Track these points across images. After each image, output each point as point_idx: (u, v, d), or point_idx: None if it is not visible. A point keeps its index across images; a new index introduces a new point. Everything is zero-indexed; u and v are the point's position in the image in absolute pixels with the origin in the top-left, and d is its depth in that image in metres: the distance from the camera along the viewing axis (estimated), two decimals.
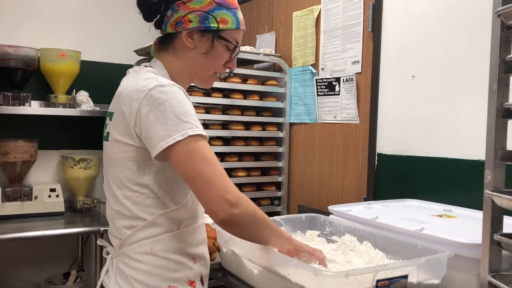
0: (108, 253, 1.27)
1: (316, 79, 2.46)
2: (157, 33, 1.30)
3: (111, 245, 1.25)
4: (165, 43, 1.25)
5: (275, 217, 1.66)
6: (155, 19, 1.25)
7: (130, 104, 1.10)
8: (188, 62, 1.23)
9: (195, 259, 1.21)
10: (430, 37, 1.92)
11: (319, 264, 1.23)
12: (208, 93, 2.53)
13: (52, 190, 2.54)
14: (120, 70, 1.67)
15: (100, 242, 1.31)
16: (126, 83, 1.17)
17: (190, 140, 1.06)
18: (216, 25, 1.19)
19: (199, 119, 2.87)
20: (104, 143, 1.22)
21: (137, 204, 1.14)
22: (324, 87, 2.42)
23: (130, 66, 1.30)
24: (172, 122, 1.05)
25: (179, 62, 1.24)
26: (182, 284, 1.17)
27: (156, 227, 1.15)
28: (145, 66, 1.24)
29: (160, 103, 1.06)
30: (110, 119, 1.19)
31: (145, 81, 1.12)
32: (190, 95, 2.42)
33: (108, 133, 1.19)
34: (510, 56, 0.99)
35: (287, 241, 1.22)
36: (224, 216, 1.04)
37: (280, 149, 2.69)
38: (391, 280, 1.12)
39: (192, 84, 2.51)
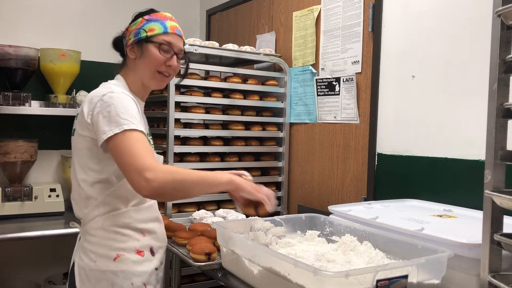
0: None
1: (316, 79, 2.46)
2: None
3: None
4: (123, 64, 1.57)
5: (275, 217, 1.66)
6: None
7: (88, 106, 1.37)
8: (135, 71, 1.50)
9: (143, 232, 1.44)
10: (430, 37, 1.93)
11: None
12: (208, 93, 2.53)
13: (52, 190, 2.54)
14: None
15: (72, 224, 1.64)
16: (92, 91, 1.44)
17: (124, 133, 1.28)
18: (145, 34, 1.46)
19: (199, 119, 2.87)
20: (71, 138, 1.47)
21: (90, 185, 1.39)
22: (324, 87, 2.42)
23: None
24: (114, 120, 1.30)
25: (131, 73, 1.51)
26: (130, 253, 1.39)
27: (106, 206, 1.39)
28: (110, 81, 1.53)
29: (108, 105, 1.32)
30: (76, 118, 1.45)
31: (102, 89, 1.40)
32: (190, 95, 2.43)
33: (74, 129, 1.45)
34: (510, 56, 0.99)
35: (227, 183, 1.39)
36: (145, 192, 1.24)
37: (280, 149, 2.69)
38: (391, 280, 1.12)
39: (192, 84, 2.52)
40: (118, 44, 1.58)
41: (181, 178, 1.30)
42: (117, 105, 1.32)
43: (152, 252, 1.45)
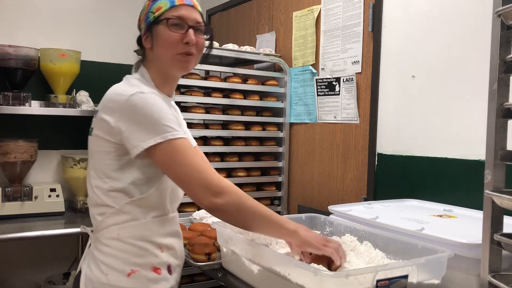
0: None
1: (316, 79, 2.46)
2: None
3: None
4: (143, 57, 1.40)
5: None
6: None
7: (111, 106, 1.22)
8: (156, 60, 1.33)
9: (162, 248, 1.29)
10: (430, 37, 1.92)
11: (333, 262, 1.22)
12: (208, 93, 2.53)
13: (52, 190, 2.54)
14: (120, 70, 1.68)
15: (82, 228, 1.46)
16: (113, 87, 1.29)
17: (170, 142, 1.17)
18: (153, 16, 1.29)
19: (199, 119, 2.86)
20: (89, 137, 1.34)
21: (105, 194, 1.26)
22: (324, 87, 2.42)
23: (130, 66, 1.37)
24: (152, 126, 1.17)
25: (152, 65, 1.35)
26: (146, 269, 1.25)
27: (123, 215, 1.25)
28: (135, 73, 1.37)
29: (140, 108, 1.18)
30: (95, 117, 1.31)
31: (128, 87, 1.24)
32: (190, 95, 2.43)
33: (92, 128, 1.31)
34: (510, 56, 0.99)
35: (291, 234, 1.25)
36: (208, 204, 1.17)
37: (280, 149, 2.69)
38: (391, 280, 1.12)
39: (192, 84, 2.52)
40: (139, 39, 1.38)
41: (248, 205, 1.21)
42: (152, 109, 1.18)
43: (169, 270, 1.31)
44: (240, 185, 2.54)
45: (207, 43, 1.39)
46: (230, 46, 2.57)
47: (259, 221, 1.23)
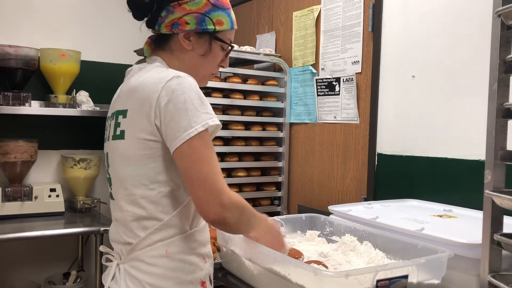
0: (107, 260, 1.24)
1: (316, 79, 2.46)
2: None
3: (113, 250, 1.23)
4: (160, 43, 1.25)
5: (275, 217, 1.66)
6: (146, 18, 1.25)
7: (148, 96, 1.09)
8: (185, 63, 1.23)
9: (205, 258, 1.21)
10: (430, 37, 1.92)
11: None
12: (208, 93, 2.52)
13: (52, 190, 2.54)
14: (120, 70, 1.67)
15: (102, 248, 1.28)
16: (139, 79, 1.16)
17: (206, 133, 1.07)
18: (213, 27, 1.20)
19: None
20: (116, 142, 1.18)
21: (154, 203, 1.13)
22: (324, 87, 2.42)
23: (130, 66, 1.31)
24: (192, 113, 1.06)
25: (177, 62, 1.23)
26: (196, 286, 1.17)
27: (170, 229, 1.14)
28: (149, 64, 1.23)
29: (180, 94, 1.06)
30: (124, 117, 1.15)
31: (160, 74, 1.12)
32: None
33: (122, 131, 1.15)
34: (510, 56, 0.99)
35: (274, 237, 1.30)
36: (215, 217, 1.06)
37: (280, 149, 2.69)
38: (391, 280, 1.12)
39: None
40: (147, 12, 1.21)
41: (247, 211, 1.16)
42: (191, 94, 1.07)
43: (210, 281, 1.24)
44: (240, 185, 2.57)
45: None
46: None
47: (250, 226, 1.23)
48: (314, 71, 2.49)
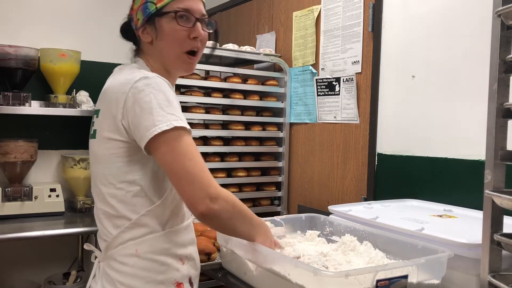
0: (96, 258, 1.25)
1: (316, 79, 2.46)
2: None
3: (99, 249, 1.24)
4: (137, 50, 1.29)
5: (275, 217, 1.66)
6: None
7: (116, 97, 1.11)
8: (156, 56, 1.23)
9: (183, 260, 1.20)
10: (430, 37, 1.92)
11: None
12: (208, 93, 2.52)
13: (52, 190, 2.54)
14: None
15: (86, 246, 1.30)
16: (112, 80, 1.20)
17: (175, 131, 1.05)
18: (154, 6, 1.18)
19: (199, 119, 2.85)
20: (91, 141, 1.22)
21: (122, 202, 1.14)
22: (324, 87, 2.42)
23: None
24: (157, 112, 1.05)
25: (151, 60, 1.24)
26: (169, 286, 1.16)
27: (140, 228, 1.14)
28: (128, 65, 1.27)
29: (146, 94, 1.07)
30: (97, 117, 1.20)
31: (130, 75, 1.12)
32: (190, 95, 2.43)
33: (95, 130, 1.19)
34: (510, 56, 0.99)
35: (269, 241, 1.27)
36: (204, 210, 1.05)
37: (280, 149, 2.69)
38: (391, 280, 1.12)
39: (192, 84, 2.51)
40: (128, 31, 1.26)
41: (239, 211, 1.14)
42: (158, 94, 1.07)
43: (191, 283, 1.22)
44: (240, 185, 2.57)
45: (209, 42, 1.32)
46: (230, 46, 2.57)
47: (246, 227, 1.21)
48: (314, 71, 2.49)
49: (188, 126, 1.09)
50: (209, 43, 1.32)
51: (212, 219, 1.10)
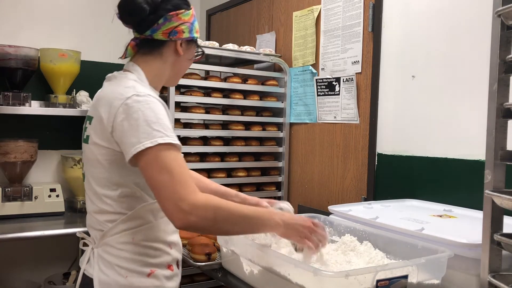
0: (85, 244, 1.35)
1: (316, 79, 2.46)
2: None
3: (89, 236, 1.34)
4: (149, 48, 1.32)
5: None
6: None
7: (108, 110, 1.18)
8: (169, 66, 1.35)
9: (171, 245, 1.31)
10: (430, 37, 1.92)
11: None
12: (208, 93, 2.52)
13: (52, 190, 2.54)
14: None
15: (79, 234, 1.43)
16: (106, 90, 1.25)
17: (158, 148, 1.11)
18: (195, 34, 1.35)
19: (199, 119, 2.85)
20: (84, 145, 1.30)
21: (116, 201, 1.23)
22: (324, 87, 2.42)
23: None
24: (143, 130, 1.11)
25: (162, 66, 1.33)
26: (162, 268, 1.28)
27: (135, 220, 1.23)
28: (125, 71, 1.31)
29: (134, 111, 1.13)
30: (90, 123, 1.26)
31: (124, 89, 1.19)
32: (190, 95, 2.43)
33: (88, 136, 1.26)
34: (510, 56, 0.99)
35: (273, 228, 1.24)
36: (180, 224, 1.10)
37: (280, 149, 2.69)
38: (391, 280, 1.12)
39: (192, 84, 2.52)
40: (146, 21, 1.28)
41: (224, 215, 1.14)
42: (146, 112, 1.14)
43: (178, 265, 1.35)
44: (240, 185, 2.57)
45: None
46: (230, 46, 2.57)
47: (240, 226, 1.21)
48: (314, 71, 2.49)
49: (175, 142, 1.14)
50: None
51: (193, 229, 1.16)
